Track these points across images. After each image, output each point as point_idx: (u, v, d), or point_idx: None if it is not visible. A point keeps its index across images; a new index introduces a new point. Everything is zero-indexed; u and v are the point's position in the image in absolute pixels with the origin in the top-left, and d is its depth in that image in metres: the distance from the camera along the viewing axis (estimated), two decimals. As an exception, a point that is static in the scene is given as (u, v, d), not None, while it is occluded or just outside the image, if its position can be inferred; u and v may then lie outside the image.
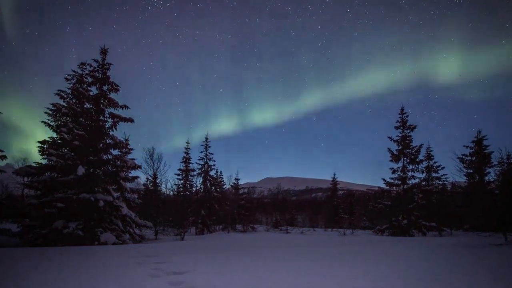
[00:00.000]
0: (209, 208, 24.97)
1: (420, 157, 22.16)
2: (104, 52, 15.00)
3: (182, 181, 26.36)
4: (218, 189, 28.41)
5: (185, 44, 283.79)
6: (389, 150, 22.21)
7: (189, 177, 26.43)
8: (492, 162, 23.01)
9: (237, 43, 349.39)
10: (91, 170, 13.60)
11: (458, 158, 23.39)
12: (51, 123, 13.85)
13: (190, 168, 26.26)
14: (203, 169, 26.07)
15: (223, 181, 30.70)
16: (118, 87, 14.97)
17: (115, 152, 15.05)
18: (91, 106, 14.54)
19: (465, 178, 24.19)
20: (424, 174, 23.45)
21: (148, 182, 22.56)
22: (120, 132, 18.48)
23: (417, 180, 22.03)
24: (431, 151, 24.40)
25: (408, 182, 21.77)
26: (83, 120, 13.73)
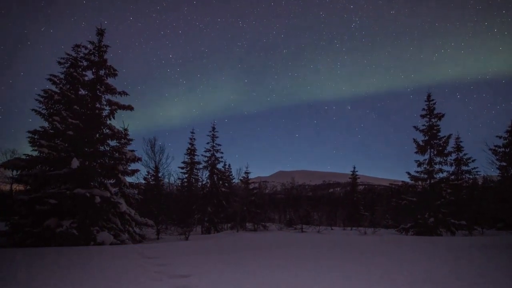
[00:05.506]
0: (216, 204, 24.42)
1: (449, 148, 21.39)
2: (100, 33, 14.62)
3: (186, 175, 25.96)
4: (226, 184, 27.81)
5: (206, 33, 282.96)
6: (415, 140, 21.43)
7: (194, 170, 25.97)
8: (529, 154, 22.15)
9: (262, 30, 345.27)
10: (87, 163, 13.35)
11: (490, 149, 22.61)
12: (43, 111, 13.59)
13: (195, 160, 25.76)
14: (210, 161, 25.49)
15: (231, 175, 30.14)
16: (116, 72, 14.76)
17: (113, 143, 14.72)
18: (86, 92, 14.34)
19: (498, 171, 23.48)
20: (453, 167, 22.76)
21: (149, 176, 22.19)
22: (118, 121, 18.18)
23: (445, 174, 21.38)
24: (461, 142, 23.51)
25: (435, 176, 21.02)
26: (77, 107, 13.43)
